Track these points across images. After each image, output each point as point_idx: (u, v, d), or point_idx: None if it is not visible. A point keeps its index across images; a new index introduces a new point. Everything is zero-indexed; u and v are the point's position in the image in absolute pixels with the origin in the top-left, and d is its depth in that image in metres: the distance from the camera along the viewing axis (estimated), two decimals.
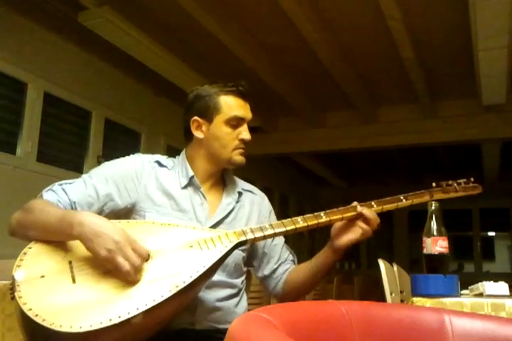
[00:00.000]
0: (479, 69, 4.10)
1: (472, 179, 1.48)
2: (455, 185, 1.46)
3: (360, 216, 1.32)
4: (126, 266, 1.06)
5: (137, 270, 1.08)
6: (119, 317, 1.01)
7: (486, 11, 3.24)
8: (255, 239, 1.25)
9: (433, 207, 1.43)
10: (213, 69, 4.55)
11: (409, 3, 3.51)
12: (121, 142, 4.66)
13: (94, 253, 1.07)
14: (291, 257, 1.53)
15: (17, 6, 3.42)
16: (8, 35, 3.43)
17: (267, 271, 1.49)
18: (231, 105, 1.40)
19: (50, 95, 3.78)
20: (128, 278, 1.07)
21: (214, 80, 1.47)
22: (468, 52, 3.99)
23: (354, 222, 1.33)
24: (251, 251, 1.48)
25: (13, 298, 1.04)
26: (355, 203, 1.35)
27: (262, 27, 3.99)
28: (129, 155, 1.43)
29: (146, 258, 1.10)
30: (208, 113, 1.39)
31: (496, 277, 1.94)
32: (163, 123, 5.06)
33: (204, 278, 1.17)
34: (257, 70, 4.49)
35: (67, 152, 4.03)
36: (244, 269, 1.47)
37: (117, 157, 1.42)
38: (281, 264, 1.50)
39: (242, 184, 1.52)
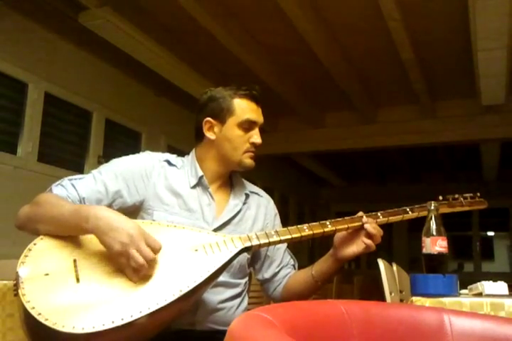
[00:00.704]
0: (478, 69, 4.10)
1: (478, 194, 1.48)
2: (461, 199, 1.46)
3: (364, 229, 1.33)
4: (139, 259, 1.06)
5: (150, 263, 1.08)
6: (122, 319, 1.01)
7: (485, 11, 3.24)
8: (260, 246, 1.25)
9: (432, 207, 1.44)
10: (213, 69, 4.55)
11: (409, 4, 3.52)
12: (121, 142, 4.67)
13: (108, 246, 1.08)
14: (292, 262, 1.54)
15: (18, 6, 3.43)
16: (8, 35, 3.43)
17: (268, 274, 1.50)
18: (244, 108, 1.40)
19: (50, 95, 3.79)
20: (140, 272, 1.08)
21: (217, 81, 1.48)
22: (467, 52, 4.00)
23: (358, 233, 1.34)
24: (253, 254, 1.48)
25: (16, 294, 1.03)
26: (360, 213, 1.36)
27: (262, 27, 3.99)
28: (129, 155, 1.43)
29: (159, 251, 1.10)
30: (221, 114, 1.40)
31: (495, 277, 1.94)
32: (163, 123, 5.07)
33: (208, 283, 1.17)
34: (257, 70, 4.49)
35: (67, 152, 4.04)
36: (248, 270, 1.47)
37: (118, 157, 1.42)
38: (282, 268, 1.50)
39: (249, 186, 1.53)
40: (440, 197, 1.45)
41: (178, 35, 4.03)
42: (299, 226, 1.29)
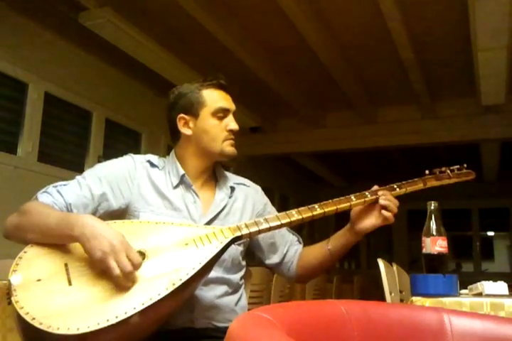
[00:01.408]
0: (478, 69, 4.10)
1: (465, 165, 1.47)
2: (448, 171, 1.45)
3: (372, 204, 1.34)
4: (116, 270, 1.06)
5: (127, 276, 1.07)
6: (116, 317, 1.01)
7: (485, 11, 3.24)
8: (250, 234, 1.25)
9: (432, 207, 1.44)
10: (213, 69, 4.55)
11: (409, 4, 3.52)
12: (121, 142, 4.67)
13: (90, 253, 1.08)
14: (295, 238, 1.54)
15: (18, 7, 3.43)
16: (9, 35, 3.43)
17: (277, 259, 1.49)
18: (214, 97, 1.41)
19: (50, 95, 3.79)
20: (118, 282, 1.08)
21: (192, 78, 1.48)
22: (467, 52, 4.00)
23: (375, 206, 1.35)
24: (254, 243, 1.48)
25: (9, 302, 1.04)
26: (375, 187, 1.38)
27: (262, 27, 4.00)
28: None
29: (138, 266, 1.10)
30: (193, 108, 1.40)
31: (494, 277, 1.95)
32: (163, 123, 4.98)
33: (201, 275, 1.17)
34: (257, 70, 4.50)
35: (67, 152, 4.04)
36: (243, 264, 1.46)
37: (117, 157, 1.43)
38: (289, 248, 1.50)
39: (233, 178, 1.52)
40: (427, 172, 1.44)
41: (178, 35, 4.04)
42: (287, 211, 1.29)
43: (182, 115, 1.42)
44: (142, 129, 4.84)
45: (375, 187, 1.39)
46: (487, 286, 1.39)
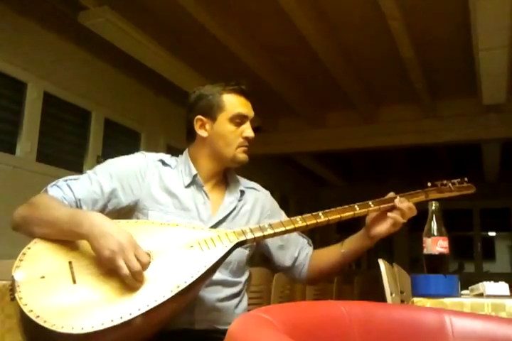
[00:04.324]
0: (479, 68, 4.10)
1: (466, 179, 1.50)
2: (449, 184, 1.48)
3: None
4: (125, 269, 1.06)
5: (135, 275, 1.07)
6: (121, 317, 1.01)
7: (486, 10, 3.24)
8: (255, 239, 1.26)
9: (433, 207, 1.43)
10: (213, 69, 4.55)
11: (410, 3, 3.51)
12: (121, 142, 4.66)
13: (98, 252, 1.08)
14: (306, 241, 1.54)
15: (17, 6, 3.42)
16: (7, 34, 3.43)
17: (288, 262, 1.49)
18: (234, 103, 1.41)
19: (49, 95, 3.78)
20: (126, 282, 1.08)
21: (215, 80, 1.48)
22: (468, 51, 4.00)
23: (389, 212, 1.37)
24: (264, 248, 1.48)
25: (13, 299, 1.03)
26: (391, 194, 1.41)
27: (263, 27, 3.99)
28: (128, 155, 1.43)
29: (146, 265, 1.10)
30: (212, 111, 1.40)
31: (496, 277, 1.94)
32: (162, 123, 5.06)
33: (205, 278, 1.17)
34: (258, 70, 4.49)
35: (66, 152, 4.03)
36: (248, 267, 1.47)
37: (117, 157, 1.42)
38: (300, 251, 1.50)
39: (244, 182, 1.53)
40: (429, 184, 1.47)
41: (178, 35, 4.03)
42: (292, 218, 1.31)
43: (200, 117, 1.41)
44: (141, 129, 4.84)
45: (391, 194, 1.41)
46: (488, 287, 1.38)
